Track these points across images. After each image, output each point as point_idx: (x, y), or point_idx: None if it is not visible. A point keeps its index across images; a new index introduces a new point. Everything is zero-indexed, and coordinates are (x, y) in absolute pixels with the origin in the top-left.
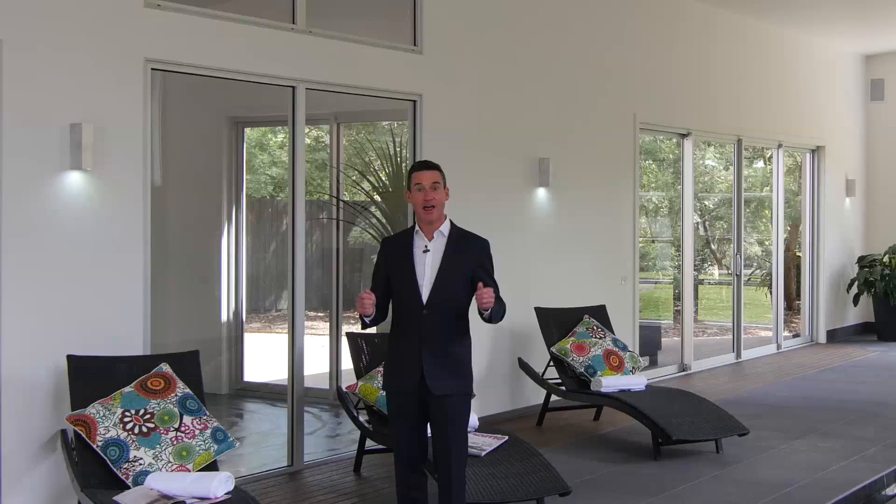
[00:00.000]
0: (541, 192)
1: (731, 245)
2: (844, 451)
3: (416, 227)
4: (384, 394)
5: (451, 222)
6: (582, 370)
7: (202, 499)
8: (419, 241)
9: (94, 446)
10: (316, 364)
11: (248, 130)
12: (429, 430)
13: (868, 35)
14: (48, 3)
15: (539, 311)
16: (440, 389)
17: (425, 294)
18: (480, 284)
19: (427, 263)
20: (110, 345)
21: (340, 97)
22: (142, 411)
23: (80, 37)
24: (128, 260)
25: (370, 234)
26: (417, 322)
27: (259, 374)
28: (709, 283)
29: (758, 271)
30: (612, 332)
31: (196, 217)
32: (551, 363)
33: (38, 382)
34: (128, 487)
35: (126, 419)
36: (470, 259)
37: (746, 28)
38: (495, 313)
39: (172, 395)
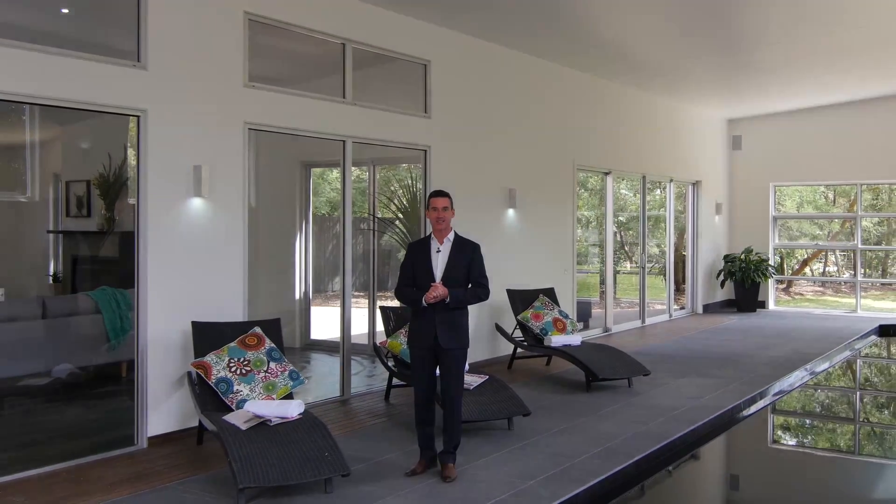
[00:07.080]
0: (510, 212)
1: (639, 247)
2: (714, 386)
3: (431, 235)
4: (405, 348)
5: (455, 232)
6: (538, 331)
7: (283, 418)
8: (433, 245)
9: (210, 382)
10: (359, 327)
11: (313, 170)
12: (437, 373)
13: (730, 105)
14: (177, 83)
15: (509, 291)
16: (448, 345)
17: (438, 280)
18: (433, 284)
19: (439, 260)
20: (220, 314)
21: (375, 147)
22: (242, 359)
23: (200, 106)
24: (232, 257)
25: (395, 240)
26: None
27: (321, 334)
28: (623, 273)
29: (656, 265)
30: (559, 306)
31: (278, 228)
32: (518, 327)
33: (172, 340)
34: (232, 410)
35: (231, 364)
36: (467, 256)
37: (651, 101)
38: (458, 300)
39: (262, 348)
